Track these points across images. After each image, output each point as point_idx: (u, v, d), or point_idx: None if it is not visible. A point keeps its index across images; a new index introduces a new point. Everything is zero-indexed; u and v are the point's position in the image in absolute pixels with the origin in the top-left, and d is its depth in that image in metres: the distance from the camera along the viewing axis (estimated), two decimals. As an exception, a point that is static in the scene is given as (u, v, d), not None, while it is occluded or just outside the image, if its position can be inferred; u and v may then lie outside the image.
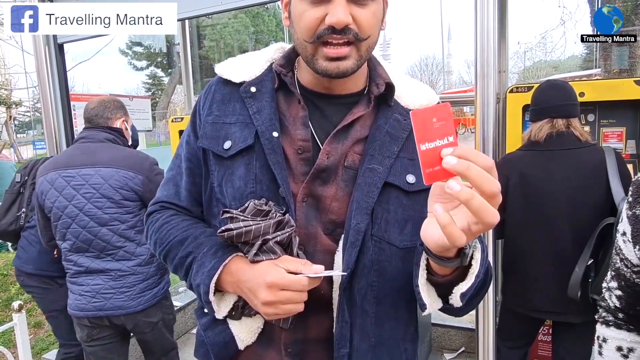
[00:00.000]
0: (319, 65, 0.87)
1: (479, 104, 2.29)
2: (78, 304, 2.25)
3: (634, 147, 2.53)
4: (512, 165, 2.16)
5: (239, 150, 0.94)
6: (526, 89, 2.54)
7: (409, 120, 0.95)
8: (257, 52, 1.06)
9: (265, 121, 0.93)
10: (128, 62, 23.14)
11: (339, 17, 0.81)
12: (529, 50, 26.31)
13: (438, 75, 41.34)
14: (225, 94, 1.01)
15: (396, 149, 0.93)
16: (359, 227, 0.88)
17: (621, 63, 9.55)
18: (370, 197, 0.89)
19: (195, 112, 1.07)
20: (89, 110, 2.37)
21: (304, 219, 0.91)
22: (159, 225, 1.04)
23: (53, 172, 2.23)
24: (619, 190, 1.97)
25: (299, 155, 0.93)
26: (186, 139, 1.08)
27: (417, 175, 0.93)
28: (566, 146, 2.07)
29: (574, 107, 2.11)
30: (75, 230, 2.20)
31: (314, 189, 0.92)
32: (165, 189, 1.10)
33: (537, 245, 2.11)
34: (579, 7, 9.82)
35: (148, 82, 24.65)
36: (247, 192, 0.92)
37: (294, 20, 0.89)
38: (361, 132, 0.95)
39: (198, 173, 1.04)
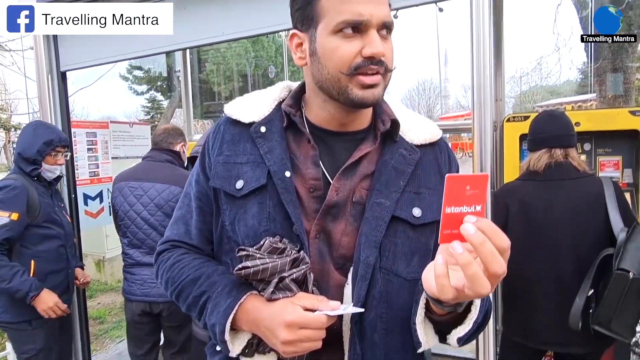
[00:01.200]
0: (354, 95, 0.90)
1: (476, 134, 2.30)
2: (130, 289, 2.81)
3: (630, 176, 2.55)
4: (512, 195, 2.18)
5: (251, 189, 0.96)
6: (523, 118, 2.57)
7: (414, 155, 1.00)
8: (264, 92, 1.10)
9: (277, 161, 0.96)
10: (128, 86, 23.35)
11: (379, 49, 0.87)
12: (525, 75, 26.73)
13: (435, 99, 41.77)
14: (235, 134, 1.04)
15: (402, 183, 0.96)
16: (369, 261, 0.91)
17: (616, 89, 9.69)
18: (378, 231, 0.92)
19: (204, 151, 1.09)
20: (157, 135, 3.01)
21: (317, 255, 0.94)
22: (170, 264, 1.05)
23: (122, 182, 2.85)
24: (617, 220, 1.98)
25: (311, 194, 0.96)
26: (195, 178, 1.09)
27: (423, 209, 0.96)
28: (565, 176, 2.09)
29: (571, 137, 2.13)
30: (133, 230, 2.79)
31: (325, 225, 0.95)
32: (175, 228, 1.11)
33: (539, 274, 2.11)
34: (573, 34, 10.02)
35: (147, 105, 24.79)
36: (261, 230, 0.94)
37: (324, 56, 0.91)
38: (368, 167, 0.98)
39: (208, 211, 1.06)
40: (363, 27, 0.87)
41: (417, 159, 1.00)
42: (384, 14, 0.88)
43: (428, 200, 0.98)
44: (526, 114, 2.57)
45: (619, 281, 1.83)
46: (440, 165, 1.04)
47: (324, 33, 0.90)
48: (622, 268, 1.83)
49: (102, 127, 3.79)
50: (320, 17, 0.91)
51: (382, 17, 0.88)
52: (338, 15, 0.87)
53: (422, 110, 41.07)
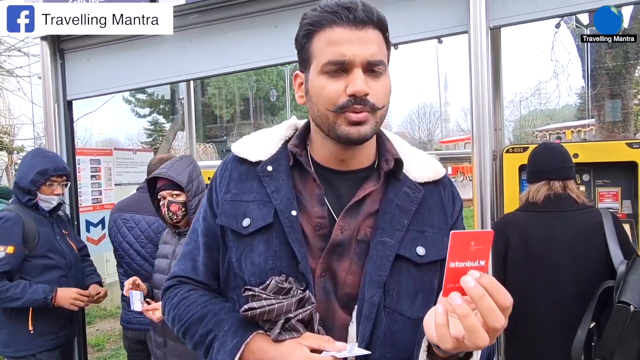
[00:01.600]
0: (341, 131, 0.92)
1: (476, 163, 2.34)
2: (126, 317, 2.83)
3: (629, 207, 2.57)
4: (512, 226, 2.20)
5: (258, 228, 0.97)
6: (522, 149, 2.60)
7: (417, 193, 1.01)
8: (270, 131, 1.13)
9: (284, 200, 0.98)
10: (131, 109, 23.57)
11: (360, 87, 0.89)
12: (524, 100, 27.04)
13: (436, 123, 42.11)
14: (242, 172, 1.06)
15: (406, 222, 0.97)
16: (373, 300, 0.91)
17: (614, 115, 9.79)
18: (382, 270, 0.93)
19: (212, 188, 1.11)
20: (152, 165, 2.98)
21: (322, 294, 0.94)
22: (177, 300, 1.06)
23: (116, 213, 2.91)
24: (617, 253, 1.99)
25: (317, 232, 0.97)
26: (202, 215, 1.11)
27: (426, 248, 0.97)
28: (564, 208, 2.11)
29: (569, 169, 2.16)
30: (127, 260, 2.84)
31: (330, 263, 0.95)
32: (182, 264, 1.12)
33: (540, 306, 2.11)
34: (571, 61, 10.17)
35: (149, 128, 24.99)
36: (267, 269, 0.94)
37: (314, 95, 0.95)
38: (372, 206, 0.99)
39: (215, 248, 1.07)
40: (348, 66, 0.90)
41: (420, 198, 1.01)
42: (369, 54, 0.90)
43: (432, 238, 0.99)
44: (525, 145, 2.61)
45: (620, 314, 1.83)
46: (444, 203, 1.05)
47: (314, 73, 0.94)
48: (622, 301, 1.83)
49: (105, 154, 3.84)
50: (311, 58, 0.95)
51: (366, 56, 0.90)
52: (324, 57, 0.91)
53: (423, 134, 41.36)
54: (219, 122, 22.55)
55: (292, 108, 21.01)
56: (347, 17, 0.89)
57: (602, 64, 8.91)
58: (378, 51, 0.92)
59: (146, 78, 3.02)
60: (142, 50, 2.98)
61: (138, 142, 25.39)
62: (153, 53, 2.94)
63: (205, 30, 2.79)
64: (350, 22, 0.89)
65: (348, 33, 0.90)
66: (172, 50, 2.89)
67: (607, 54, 8.66)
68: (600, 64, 8.98)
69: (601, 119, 10.39)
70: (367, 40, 0.90)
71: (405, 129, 43.34)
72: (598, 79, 9.73)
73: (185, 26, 2.83)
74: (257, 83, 22.39)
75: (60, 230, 2.74)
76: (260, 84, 22.51)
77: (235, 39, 2.71)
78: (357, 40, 0.90)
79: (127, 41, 2.99)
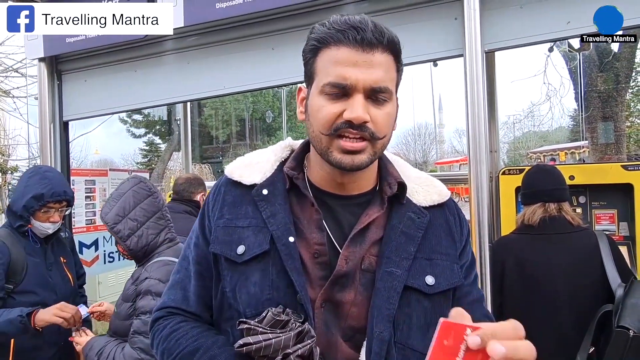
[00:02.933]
0: (333, 158, 0.87)
1: (473, 185, 2.34)
2: None
3: (626, 229, 2.57)
4: (508, 250, 2.19)
5: (254, 255, 0.91)
6: (518, 172, 2.62)
7: (422, 218, 0.96)
8: (265, 152, 1.07)
9: (281, 225, 0.92)
10: (127, 129, 23.65)
11: (358, 114, 0.83)
12: (517, 122, 27.36)
13: (431, 144, 42.34)
14: (236, 195, 1.00)
15: (413, 250, 0.92)
16: (383, 336, 0.86)
17: (607, 137, 9.91)
18: (391, 304, 0.87)
19: (204, 213, 1.04)
20: (178, 185, 3.00)
21: (323, 326, 0.88)
22: (167, 333, 0.99)
23: None
24: (614, 276, 1.98)
25: (316, 260, 0.91)
26: (194, 241, 1.04)
27: (436, 276, 0.92)
28: (560, 230, 2.10)
29: (564, 191, 2.16)
30: None
31: (332, 294, 0.90)
32: (172, 294, 1.05)
33: (538, 330, 2.08)
34: (563, 85, 10.33)
35: (145, 148, 25.03)
36: (264, 299, 0.89)
37: (311, 114, 0.90)
38: (377, 233, 0.94)
39: (208, 276, 1.00)
40: (349, 90, 0.85)
41: (426, 223, 0.96)
42: (373, 80, 0.84)
43: (441, 266, 0.94)
44: (521, 167, 2.62)
45: (620, 339, 1.81)
46: (452, 228, 1.00)
47: (314, 92, 0.89)
48: (622, 325, 1.82)
49: (101, 174, 3.83)
50: (315, 75, 0.90)
51: (369, 82, 0.84)
52: (325, 77, 0.86)
53: (418, 155, 41.55)
54: (215, 142, 22.63)
55: (288, 129, 21.13)
56: (355, 38, 0.84)
57: (594, 87, 9.07)
58: (384, 76, 0.86)
59: (144, 99, 3.02)
60: (140, 72, 2.99)
61: (133, 162, 25.40)
62: (151, 74, 2.96)
63: (203, 52, 2.82)
64: (357, 43, 0.84)
65: (354, 55, 0.84)
66: (170, 71, 2.90)
67: (599, 77, 8.83)
68: (592, 87, 9.14)
69: (594, 141, 10.51)
70: (374, 63, 0.85)
71: (401, 150, 43.52)
72: (590, 102, 9.88)
73: (184, 48, 2.86)
74: (254, 104, 22.56)
75: (57, 259, 2.42)
76: (257, 105, 22.69)
77: (233, 61, 2.73)
78: (363, 64, 0.84)
79: (126, 62, 3.01)
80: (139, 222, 1.93)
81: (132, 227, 1.91)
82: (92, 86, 3.13)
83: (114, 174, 3.99)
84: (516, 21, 2.21)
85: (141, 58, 2.98)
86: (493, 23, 2.23)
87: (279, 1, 2.44)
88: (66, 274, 2.43)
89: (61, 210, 2.33)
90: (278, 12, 2.56)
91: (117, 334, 1.94)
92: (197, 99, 2.90)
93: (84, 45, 2.92)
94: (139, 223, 1.93)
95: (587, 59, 8.86)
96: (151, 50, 2.94)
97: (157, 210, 2.00)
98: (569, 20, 2.12)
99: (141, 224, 1.94)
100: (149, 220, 1.96)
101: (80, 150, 19.17)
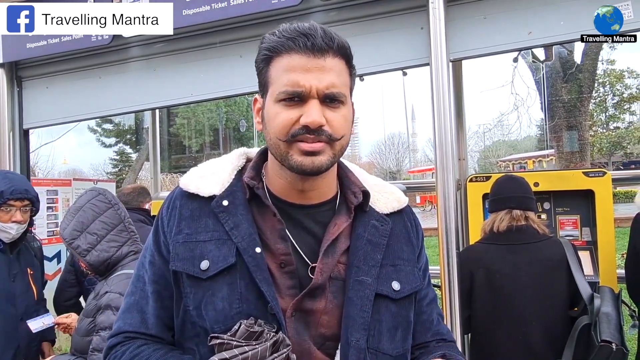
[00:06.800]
0: (294, 161, 0.87)
1: (440, 193, 2.36)
2: None
3: (589, 234, 2.63)
4: (476, 261, 2.20)
5: (219, 270, 0.89)
6: (485, 179, 2.66)
7: (385, 225, 0.98)
8: (221, 161, 1.04)
9: (246, 237, 0.90)
10: (96, 138, 23.10)
11: (314, 118, 0.84)
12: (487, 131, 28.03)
13: (404, 153, 42.89)
14: (193, 209, 0.96)
15: (379, 257, 0.94)
16: (359, 345, 0.87)
17: (572, 146, 10.23)
18: (365, 312, 0.89)
19: (157, 230, 0.99)
20: (126, 195, 3.02)
21: (295, 335, 0.88)
22: (128, 359, 0.92)
23: None
24: (585, 286, 2.02)
25: (282, 269, 0.90)
26: (149, 260, 0.99)
27: (401, 282, 0.95)
28: (527, 240, 2.13)
29: (530, 200, 2.20)
30: None
31: (303, 303, 0.89)
32: (129, 317, 0.98)
33: (506, 340, 2.10)
34: (530, 95, 10.66)
35: (115, 158, 24.50)
36: (233, 313, 0.86)
37: (268, 122, 0.90)
38: (344, 242, 0.95)
39: (167, 296, 0.96)
40: (304, 96, 0.85)
41: (389, 230, 0.98)
42: (326, 84, 0.85)
43: (404, 271, 0.96)
44: (488, 174, 2.66)
45: (603, 352, 1.86)
46: (410, 233, 1.03)
47: (270, 100, 0.89)
48: (605, 340, 1.86)
49: (64, 184, 3.70)
50: (269, 84, 0.90)
51: (323, 87, 0.85)
52: (279, 85, 0.87)
53: (392, 164, 42.01)
54: (188, 152, 22.33)
55: (262, 139, 21.05)
56: (305, 44, 0.85)
57: (559, 97, 9.38)
58: (337, 80, 0.87)
59: (108, 107, 2.95)
60: (105, 79, 2.92)
61: (103, 172, 24.81)
62: (116, 81, 2.89)
63: (170, 59, 2.77)
64: (307, 49, 0.85)
65: (305, 61, 0.85)
66: (135, 78, 2.84)
67: (563, 87, 9.14)
68: (556, 97, 9.45)
69: (560, 149, 10.81)
70: (325, 68, 0.86)
71: (374, 159, 43.96)
72: (555, 112, 10.22)
73: (150, 55, 2.81)
74: (227, 114, 22.39)
75: (22, 270, 2.32)
76: (231, 114, 22.53)
77: (201, 69, 2.70)
78: (314, 69, 0.85)
79: (89, 69, 2.94)
80: (98, 235, 1.86)
81: (91, 242, 1.84)
82: (54, 93, 3.04)
83: (79, 183, 3.87)
84: (480, 31, 2.26)
85: (106, 65, 2.91)
86: (458, 33, 2.28)
87: (246, 8, 2.43)
88: (31, 286, 2.34)
89: (24, 210, 2.26)
90: (245, 20, 2.55)
91: (77, 351, 1.86)
92: (164, 107, 2.85)
93: (45, 51, 2.84)
94: (98, 237, 1.86)
95: (552, 70, 9.17)
96: (116, 57, 2.88)
97: (118, 223, 1.93)
98: (530, 31, 2.18)
99: (101, 238, 1.87)
100: (109, 234, 1.89)
101: (47, 160, 18.63)
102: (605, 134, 23.63)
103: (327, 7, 2.41)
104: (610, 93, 22.50)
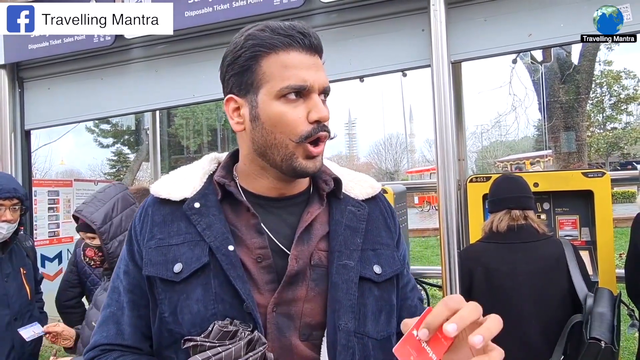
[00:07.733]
0: (298, 164, 0.88)
1: (441, 193, 2.38)
2: None
3: (588, 234, 2.66)
4: (475, 260, 2.22)
5: (193, 271, 0.87)
6: (485, 179, 2.67)
7: (362, 210, 1.00)
8: (192, 167, 1.04)
9: (218, 236, 0.89)
10: (94, 139, 23.04)
11: (324, 113, 0.87)
12: (485, 132, 28.10)
13: (402, 154, 42.93)
14: (165, 214, 0.95)
15: (360, 241, 0.95)
16: (348, 328, 0.87)
17: (569, 146, 10.26)
18: (351, 295, 0.89)
19: (130, 239, 0.99)
20: None
21: (275, 331, 0.87)
22: None
23: None
24: (581, 286, 2.04)
25: (259, 264, 0.89)
26: (124, 270, 0.98)
27: (381, 265, 0.96)
28: (526, 239, 2.15)
29: (529, 199, 2.22)
30: None
31: (283, 295, 0.88)
32: (105, 330, 0.96)
33: (505, 339, 2.11)
34: (527, 95, 10.70)
35: (113, 159, 24.44)
36: (209, 315, 0.85)
37: (270, 122, 0.88)
38: (322, 229, 0.95)
39: (143, 304, 0.94)
40: (305, 92, 0.87)
41: (366, 215, 1.00)
42: (323, 80, 0.89)
43: (384, 255, 0.98)
44: (488, 175, 2.68)
45: (592, 350, 1.87)
46: (387, 219, 1.05)
47: (266, 98, 0.88)
48: (594, 337, 1.87)
49: (65, 185, 3.70)
50: (261, 82, 0.88)
51: (322, 82, 0.89)
52: (282, 81, 0.86)
53: (389, 164, 42.05)
54: (186, 152, 22.31)
55: (260, 139, 20.97)
56: (303, 42, 0.87)
57: (556, 97, 9.41)
58: (327, 78, 0.92)
59: (110, 108, 2.96)
60: (106, 80, 2.93)
61: (101, 173, 24.76)
62: (118, 82, 2.90)
63: (172, 61, 2.79)
64: (305, 48, 0.88)
65: (305, 58, 0.88)
66: (137, 79, 2.86)
67: (561, 88, 9.17)
68: (554, 97, 9.48)
69: (557, 150, 10.84)
70: (319, 66, 0.90)
71: (373, 160, 44.00)
72: (553, 112, 10.24)
73: (152, 56, 2.82)
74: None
75: (15, 269, 2.30)
76: (229, 115, 22.50)
77: (202, 70, 2.71)
78: (313, 66, 0.88)
79: (91, 70, 2.95)
80: (122, 228, 1.91)
81: (114, 233, 1.89)
82: (55, 94, 3.05)
83: (79, 184, 3.87)
84: (481, 33, 2.28)
85: (108, 66, 2.92)
86: (459, 35, 2.30)
87: (249, 10, 2.45)
88: (24, 286, 2.33)
89: (13, 209, 2.25)
90: (248, 22, 2.54)
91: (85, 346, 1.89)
92: (166, 108, 2.86)
93: (47, 52, 2.85)
94: (120, 229, 1.91)
95: (549, 71, 9.20)
96: (118, 58, 2.89)
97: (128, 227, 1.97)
98: (530, 33, 2.20)
99: (122, 232, 1.90)
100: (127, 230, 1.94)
101: (45, 161, 18.58)
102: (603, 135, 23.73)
103: (329, 9, 2.43)
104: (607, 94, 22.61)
